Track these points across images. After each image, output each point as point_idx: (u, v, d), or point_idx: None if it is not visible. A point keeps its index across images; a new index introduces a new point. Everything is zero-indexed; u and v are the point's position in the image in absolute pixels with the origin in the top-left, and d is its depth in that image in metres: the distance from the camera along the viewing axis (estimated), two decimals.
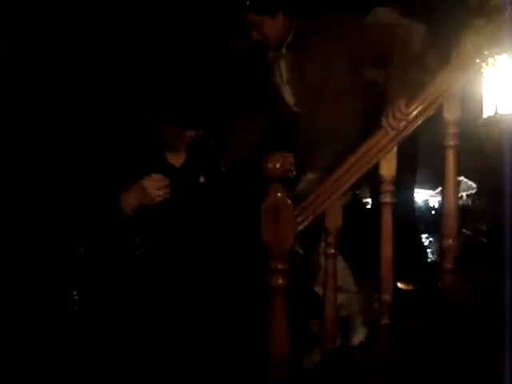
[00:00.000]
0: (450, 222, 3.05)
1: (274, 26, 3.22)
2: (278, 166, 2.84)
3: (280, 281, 2.89)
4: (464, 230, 3.63)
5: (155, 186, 2.61)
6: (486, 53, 2.46)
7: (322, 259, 3.04)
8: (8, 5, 3.67)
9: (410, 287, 3.36)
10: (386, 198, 3.05)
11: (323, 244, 3.06)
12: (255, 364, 2.97)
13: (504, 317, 2.00)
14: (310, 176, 3.33)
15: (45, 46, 3.82)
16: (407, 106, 3.03)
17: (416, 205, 4.36)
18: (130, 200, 2.57)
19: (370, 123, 3.12)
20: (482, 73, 2.48)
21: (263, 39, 3.23)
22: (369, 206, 4.05)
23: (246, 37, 3.29)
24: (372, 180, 3.22)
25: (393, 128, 3.04)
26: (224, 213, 2.89)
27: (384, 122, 3.05)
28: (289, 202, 2.93)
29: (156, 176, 2.60)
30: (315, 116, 3.30)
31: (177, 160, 2.83)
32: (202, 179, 2.85)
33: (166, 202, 2.67)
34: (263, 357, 2.90)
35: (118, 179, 2.58)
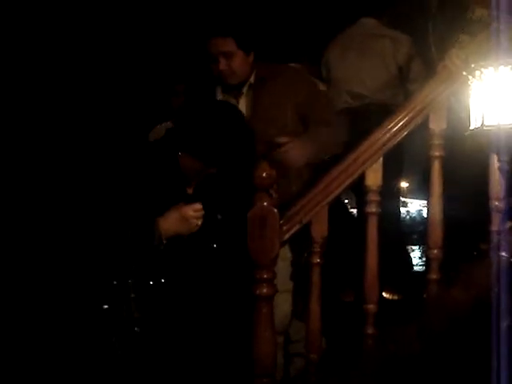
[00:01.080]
0: (436, 233, 3.07)
1: (245, 62, 3.23)
2: (264, 175, 2.84)
3: (265, 290, 2.89)
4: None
5: (195, 216, 2.52)
6: (473, 66, 2.48)
7: None
8: (8, 5, 3.67)
9: (395, 297, 3.37)
10: (372, 208, 3.06)
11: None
12: (241, 373, 2.97)
13: (492, 328, 2.02)
14: None
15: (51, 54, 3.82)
16: None
17: (410, 215, 4.37)
18: (168, 226, 2.46)
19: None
20: (468, 85, 2.49)
21: (228, 72, 3.20)
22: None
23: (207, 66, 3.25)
24: (358, 190, 3.23)
25: (452, 68, 3.03)
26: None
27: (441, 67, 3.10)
28: (275, 210, 2.93)
29: (197, 205, 2.52)
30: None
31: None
32: (219, 216, 2.78)
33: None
34: (249, 366, 2.90)
35: (143, 208, 2.47)
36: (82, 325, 2.38)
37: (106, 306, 2.38)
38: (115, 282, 2.38)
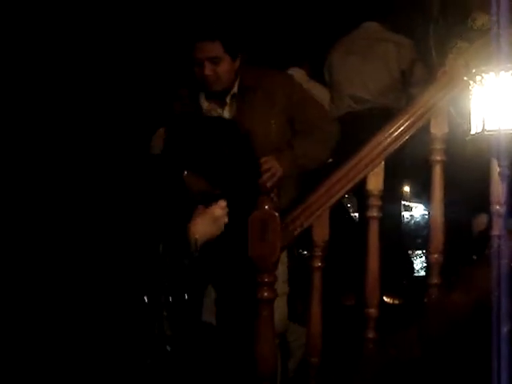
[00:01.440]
0: (437, 237, 3.07)
1: (231, 68, 3.15)
2: (266, 179, 2.86)
3: (266, 293, 2.91)
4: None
5: (223, 213, 2.41)
6: (474, 71, 2.49)
7: None
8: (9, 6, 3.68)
9: (396, 301, 3.37)
10: (373, 212, 3.07)
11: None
12: (242, 377, 2.98)
13: (492, 333, 2.02)
14: None
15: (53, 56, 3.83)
16: None
17: (414, 219, 4.36)
18: (201, 230, 2.35)
19: None
20: (469, 90, 2.50)
21: (213, 78, 3.11)
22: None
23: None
24: (359, 194, 3.24)
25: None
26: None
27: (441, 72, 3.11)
28: (276, 214, 2.94)
29: (222, 202, 2.41)
30: None
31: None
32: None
33: None
34: (251, 369, 2.91)
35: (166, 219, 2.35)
36: (115, 344, 2.32)
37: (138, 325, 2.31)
38: (147, 300, 2.30)
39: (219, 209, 2.38)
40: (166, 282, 2.27)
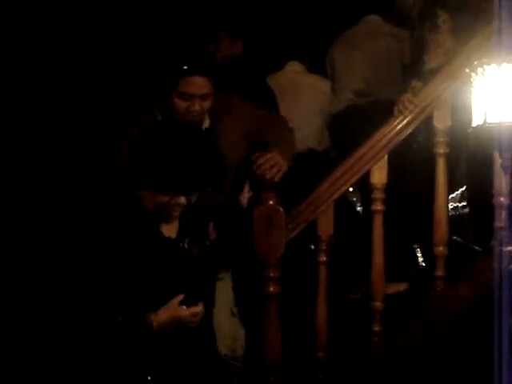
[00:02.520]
0: (442, 229, 3.08)
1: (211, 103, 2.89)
2: (269, 174, 2.86)
3: (272, 288, 2.92)
4: (455, 237, 3.65)
5: (193, 321, 2.21)
6: (476, 63, 2.49)
7: None
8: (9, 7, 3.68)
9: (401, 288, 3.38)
10: (377, 206, 3.07)
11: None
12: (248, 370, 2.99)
13: (495, 324, 2.03)
14: None
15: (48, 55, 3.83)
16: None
17: None
18: (161, 326, 2.16)
19: None
20: (471, 82, 2.50)
21: (198, 113, 2.83)
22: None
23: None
24: (363, 188, 3.25)
25: (403, 114, 3.10)
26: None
27: (396, 111, 3.12)
28: (281, 209, 2.96)
29: (196, 309, 2.17)
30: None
31: (170, 230, 2.32)
32: (207, 242, 2.41)
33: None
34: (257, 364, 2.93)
35: (123, 273, 2.15)
36: None
37: None
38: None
39: (190, 316, 2.18)
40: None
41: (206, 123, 2.92)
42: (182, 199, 2.19)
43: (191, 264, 2.29)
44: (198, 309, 2.18)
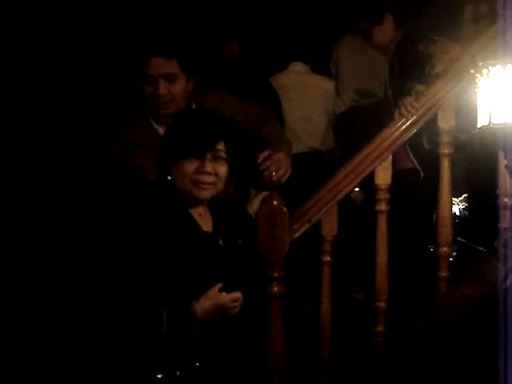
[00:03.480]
0: (446, 230, 3.08)
1: (185, 89, 2.85)
2: (274, 174, 2.86)
3: (276, 288, 2.92)
4: (459, 238, 3.66)
5: (234, 306, 2.27)
6: (481, 64, 2.49)
7: None
8: (8, 8, 3.68)
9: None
10: (382, 206, 3.07)
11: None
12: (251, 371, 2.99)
13: (500, 325, 2.03)
14: None
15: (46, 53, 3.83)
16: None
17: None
18: (205, 313, 2.21)
19: None
20: (476, 83, 2.50)
21: (167, 98, 2.80)
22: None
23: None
24: (367, 188, 3.25)
25: (406, 117, 3.08)
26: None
27: (397, 114, 3.11)
28: (285, 210, 2.95)
29: (236, 295, 2.25)
30: None
31: (206, 224, 2.37)
32: (240, 241, 2.46)
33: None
34: (260, 364, 2.93)
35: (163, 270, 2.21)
36: None
37: None
38: (160, 376, 2.19)
39: (230, 301, 2.25)
40: (176, 354, 2.21)
41: None
42: (208, 166, 2.26)
43: (228, 258, 2.34)
44: (238, 294, 2.26)
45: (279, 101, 4.02)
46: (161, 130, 2.79)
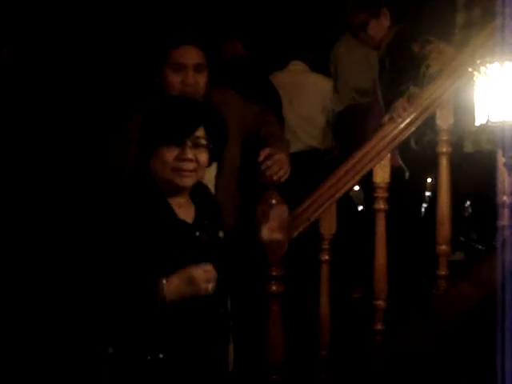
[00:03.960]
0: (444, 229, 3.07)
1: (207, 83, 2.83)
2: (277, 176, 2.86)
3: (274, 287, 2.92)
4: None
5: (206, 278, 2.14)
6: (479, 62, 2.48)
7: None
8: (8, 9, 3.66)
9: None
10: (380, 205, 3.07)
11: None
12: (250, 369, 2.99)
13: (498, 324, 2.03)
14: None
15: (46, 52, 3.81)
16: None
17: None
18: (175, 290, 2.10)
19: None
20: (474, 81, 2.50)
21: (193, 89, 2.77)
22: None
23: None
24: (366, 186, 3.25)
25: (396, 120, 3.07)
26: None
27: (387, 118, 3.10)
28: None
29: (207, 266, 2.13)
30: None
31: (186, 214, 2.29)
32: (221, 234, 2.37)
33: None
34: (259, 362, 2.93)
35: (135, 254, 2.14)
36: None
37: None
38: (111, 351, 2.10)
39: (201, 271, 2.13)
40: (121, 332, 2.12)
41: None
42: (189, 153, 2.20)
43: (204, 249, 2.26)
44: (209, 266, 2.14)
45: (280, 99, 4.02)
46: None
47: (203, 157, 2.25)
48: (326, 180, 3.09)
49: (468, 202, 3.87)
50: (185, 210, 2.29)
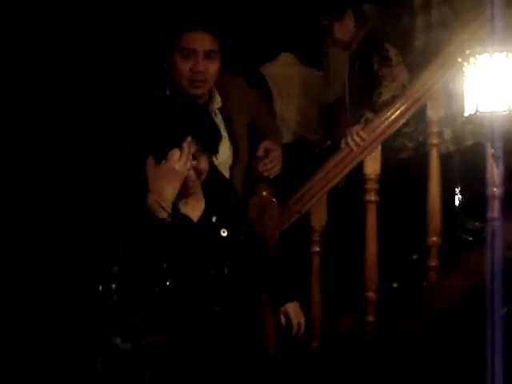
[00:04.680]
0: (435, 220, 3.07)
1: (219, 71, 2.74)
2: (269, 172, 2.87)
3: None
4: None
5: (182, 162, 2.08)
6: (468, 52, 2.47)
7: None
8: (9, 9, 3.65)
9: (395, 285, 3.38)
10: (371, 197, 3.07)
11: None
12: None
13: (487, 315, 2.03)
14: None
15: (49, 43, 3.79)
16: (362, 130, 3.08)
17: None
18: (163, 191, 2.08)
19: None
20: (463, 72, 2.49)
21: (203, 76, 2.68)
22: None
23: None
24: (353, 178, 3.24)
25: (350, 146, 3.07)
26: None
27: (343, 143, 3.09)
28: (274, 200, 2.96)
29: (174, 153, 2.09)
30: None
31: (192, 210, 2.26)
32: (223, 232, 2.29)
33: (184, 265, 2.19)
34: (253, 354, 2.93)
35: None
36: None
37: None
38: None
39: (175, 161, 2.09)
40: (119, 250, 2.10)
41: (218, 102, 2.79)
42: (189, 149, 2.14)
43: (204, 244, 2.24)
44: (175, 151, 2.10)
45: (270, 91, 4.00)
46: None
47: (203, 164, 2.20)
48: (316, 172, 3.09)
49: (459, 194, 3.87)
50: (192, 205, 2.25)
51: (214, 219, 2.28)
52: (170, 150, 2.11)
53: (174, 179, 2.12)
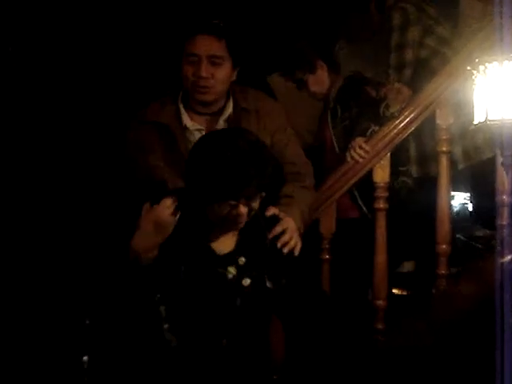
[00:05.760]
0: (444, 228, 3.07)
1: (229, 77, 2.64)
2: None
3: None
4: (459, 236, 3.65)
5: (169, 213, 2.03)
6: (477, 60, 2.48)
7: None
8: (12, 9, 3.67)
9: (404, 292, 3.38)
10: (380, 204, 3.07)
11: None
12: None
13: (497, 323, 2.03)
14: None
15: (51, 51, 3.81)
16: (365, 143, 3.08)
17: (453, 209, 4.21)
18: (142, 238, 2.03)
19: None
20: (473, 80, 2.50)
21: (209, 83, 2.59)
22: None
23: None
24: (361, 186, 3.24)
25: (355, 159, 3.07)
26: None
27: (348, 156, 3.09)
28: None
29: (166, 201, 2.02)
30: None
31: (223, 245, 2.18)
32: (246, 282, 2.18)
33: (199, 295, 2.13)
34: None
35: None
36: None
37: None
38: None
39: (163, 208, 2.02)
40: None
41: (229, 109, 2.68)
42: (242, 209, 2.06)
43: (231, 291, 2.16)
44: (168, 200, 2.02)
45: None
46: (185, 117, 2.65)
47: (255, 203, 2.10)
48: (325, 179, 3.10)
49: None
50: (221, 243, 2.18)
51: (243, 260, 2.19)
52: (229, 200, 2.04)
53: (163, 234, 2.05)
